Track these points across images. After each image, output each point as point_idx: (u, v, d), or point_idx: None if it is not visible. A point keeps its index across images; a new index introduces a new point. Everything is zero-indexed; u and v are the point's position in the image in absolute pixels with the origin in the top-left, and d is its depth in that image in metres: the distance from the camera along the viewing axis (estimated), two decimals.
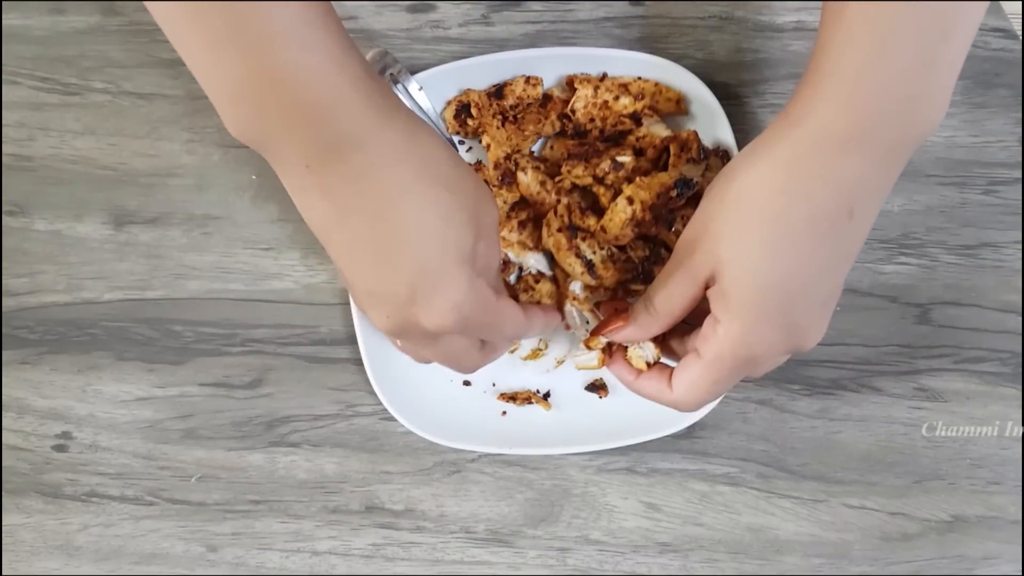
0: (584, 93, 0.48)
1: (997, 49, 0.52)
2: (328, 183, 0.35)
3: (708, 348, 0.39)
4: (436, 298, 0.36)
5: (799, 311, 0.37)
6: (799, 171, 0.36)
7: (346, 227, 0.36)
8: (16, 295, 0.54)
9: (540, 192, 0.50)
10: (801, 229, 0.36)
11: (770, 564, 0.52)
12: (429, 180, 0.36)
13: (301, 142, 0.35)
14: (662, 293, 0.41)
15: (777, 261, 0.36)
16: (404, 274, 0.36)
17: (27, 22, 0.54)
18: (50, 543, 0.53)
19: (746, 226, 0.37)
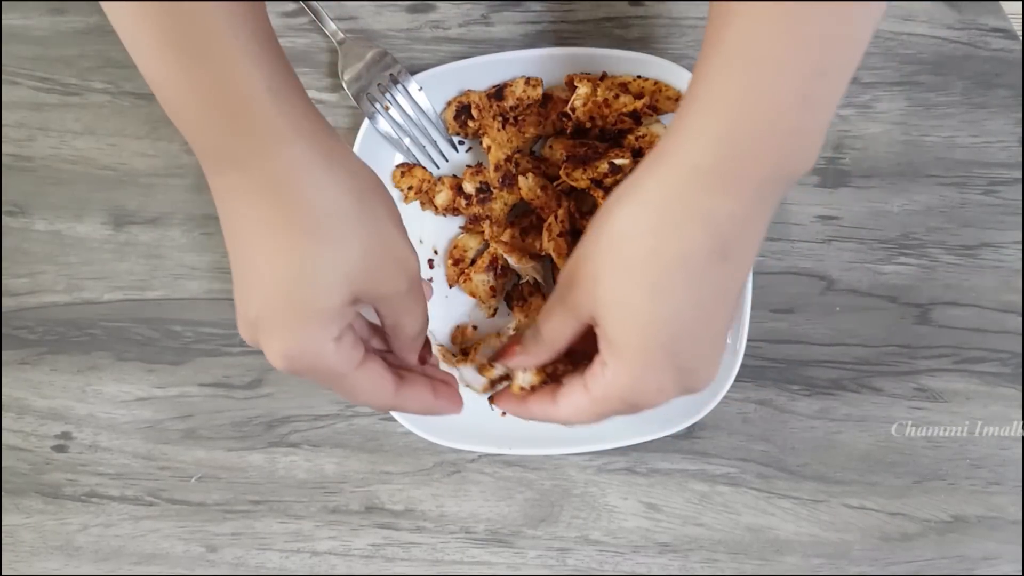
0: (584, 91, 0.48)
1: (997, 49, 0.53)
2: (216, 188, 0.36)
3: (596, 386, 0.38)
4: (268, 339, 0.36)
5: (686, 354, 0.36)
6: (669, 210, 0.35)
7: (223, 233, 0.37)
8: (16, 295, 0.54)
9: (540, 196, 0.50)
10: (675, 270, 0.35)
11: (770, 564, 0.52)
12: (292, 227, 0.34)
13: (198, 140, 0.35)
14: (547, 324, 0.40)
15: (656, 304, 0.35)
16: (251, 305, 0.36)
17: (27, 22, 0.54)
18: (50, 543, 0.53)
19: (621, 268, 0.35)
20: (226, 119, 0.34)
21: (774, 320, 0.52)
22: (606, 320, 0.36)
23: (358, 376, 0.38)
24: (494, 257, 0.50)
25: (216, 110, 0.34)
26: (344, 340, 0.37)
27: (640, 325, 0.35)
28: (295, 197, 0.34)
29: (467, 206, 0.51)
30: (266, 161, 0.34)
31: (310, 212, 0.34)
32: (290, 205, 0.34)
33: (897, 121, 0.53)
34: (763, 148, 0.34)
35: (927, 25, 0.53)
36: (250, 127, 0.34)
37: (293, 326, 0.35)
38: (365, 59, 0.51)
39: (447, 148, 0.52)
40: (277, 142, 0.34)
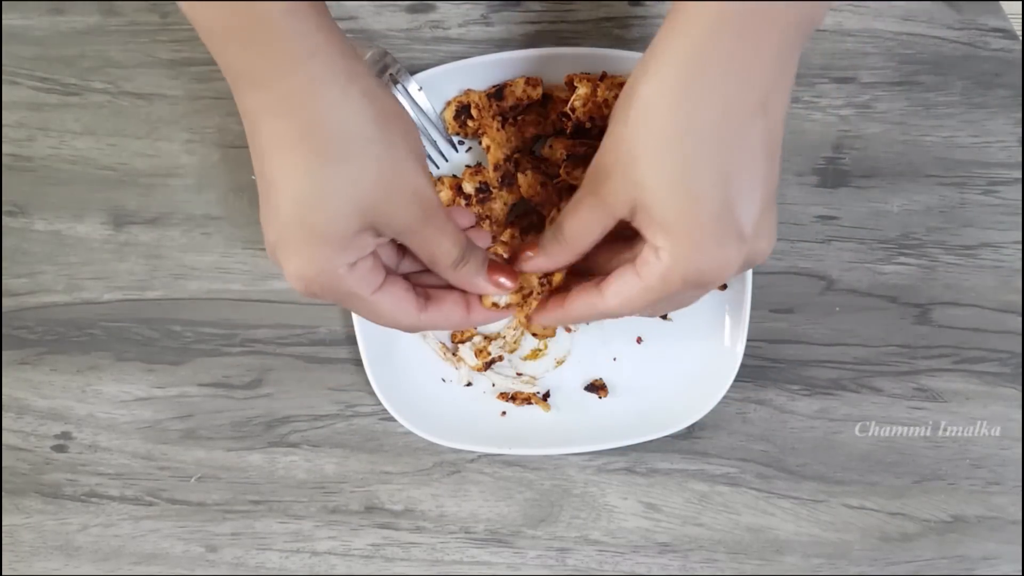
0: (584, 91, 0.48)
1: (997, 49, 0.53)
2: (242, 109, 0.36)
3: (650, 273, 0.36)
4: (285, 261, 0.36)
5: (744, 220, 0.34)
6: (698, 66, 0.32)
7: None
8: (16, 295, 0.54)
9: (540, 193, 0.50)
10: (716, 128, 0.33)
11: (770, 564, 0.52)
12: (307, 145, 0.34)
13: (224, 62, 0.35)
14: (573, 222, 0.38)
15: (701, 171, 0.33)
16: (271, 225, 0.36)
17: (27, 22, 0.54)
18: (50, 543, 0.53)
19: (658, 141, 0.33)
20: (246, 37, 0.34)
21: (774, 320, 0.52)
22: (651, 202, 0.34)
23: (377, 299, 0.38)
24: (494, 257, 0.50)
25: (237, 29, 0.34)
26: (360, 266, 0.37)
27: (691, 198, 0.33)
28: (310, 115, 0.34)
29: (467, 206, 0.51)
30: (283, 79, 0.34)
31: (324, 131, 0.34)
32: (305, 123, 0.34)
33: (897, 121, 0.53)
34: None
35: (927, 25, 0.53)
36: (268, 46, 0.34)
37: (306, 249, 0.35)
38: (365, 59, 0.51)
39: (447, 148, 0.52)
40: (293, 60, 0.34)
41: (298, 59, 0.34)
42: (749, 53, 0.32)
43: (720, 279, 0.35)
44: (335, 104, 0.34)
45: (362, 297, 0.38)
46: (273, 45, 0.34)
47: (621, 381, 0.52)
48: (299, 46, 0.34)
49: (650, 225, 0.35)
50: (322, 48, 0.34)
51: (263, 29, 0.33)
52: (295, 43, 0.34)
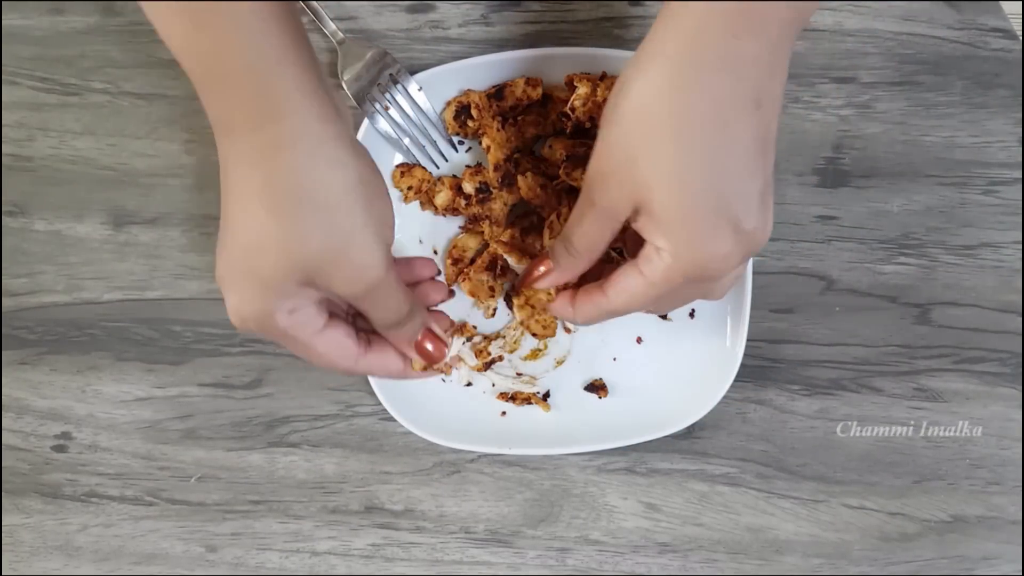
0: (584, 91, 0.48)
1: (997, 49, 0.52)
2: (219, 153, 0.37)
3: (653, 270, 0.36)
4: (226, 296, 0.38)
5: (741, 212, 0.34)
6: (691, 62, 0.33)
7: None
8: (16, 295, 0.54)
9: (540, 195, 0.50)
10: (712, 125, 0.33)
11: (770, 564, 0.52)
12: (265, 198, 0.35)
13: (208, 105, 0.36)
14: (580, 233, 0.38)
15: (698, 166, 0.33)
16: (221, 260, 0.38)
17: (27, 22, 0.54)
18: (50, 543, 0.53)
19: (654, 142, 0.33)
20: (227, 86, 0.35)
21: (774, 320, 0.52)
22: (652, 200, 0.34)
23: (313, 343, 0.39)
24: (494, 257, 0.50)
25: (218, 76, 0.35)
26: (300, 313, 0.38)
27: (690, 194, 0.34)
28: (272, 171, 0.35)
29: (467, 206, 0.51)
30: (254, 132, 0.35)
31: (280, 189, 0.35)
32: (267, 177, 0.35)
33: (897, 121, 0.53)
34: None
35: (927, 25, 0.53)
36: (247, 97, 0.35)
37: (246, 289, 0.37)
38: (365, 59, 0.51)
39: (447, 148, 0.52)
40: (267, 117, 0.35)
41: (272, 117, 0.35)
42: (740, 50, 0.33)
43: (721, 272, 0.36)
44: (296, 166, 0.35)
45: (297, 339, 0.39)
46: (253, 98, 0.35)
47: (621, 381, 0.52)
48: (276, 104, 0.35)
49: (651, 225, 0.35)
50: (298, 109, 0.35)
51: (245, 81, 0.34)
52: (273, 100, 0.35)
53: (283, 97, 0.35)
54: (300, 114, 0.35)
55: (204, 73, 0.35)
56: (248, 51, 0.34)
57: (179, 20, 0.34)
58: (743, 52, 0.33)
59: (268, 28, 0.34)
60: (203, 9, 0.34)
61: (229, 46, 0.34)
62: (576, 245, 0.39)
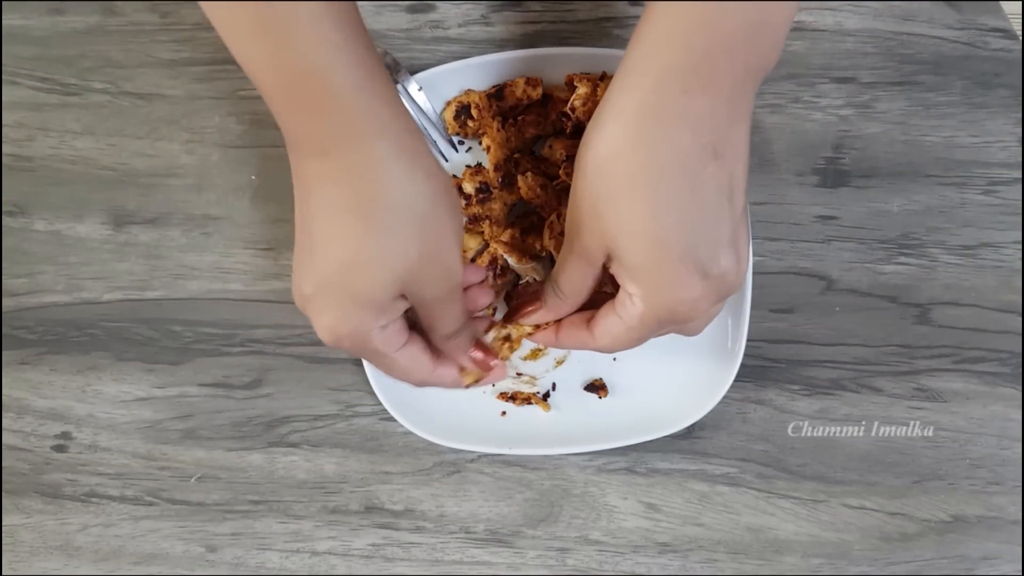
0: (584, 91, 0.48)
1: (997, 49, 0.53)
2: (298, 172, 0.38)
3: (628, 315, 0.38)
4: (318, 315, 0.38)
5: (707, 258, 0.36)
6: (649, 118, 0.34)
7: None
8: (16, 295, 0.54)
9: (540, 195, 0.50)
10: (672, 177, 0.34)
11: (770, 564, 0.52)
12: (361, 213, 0.36)
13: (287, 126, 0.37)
14: (564, 278, 0.40)
15: (661, 218, 0.35)
16: (308, 279, 0.38)
17: (27, 22, 0.54)
18: (50, 543, 0.53)
19: (618, 193, 0.35)
20: (312, 109, 0.35)
21: (774, 320, 0.52)
22: (620, 249, 0.36)
23: (397, 357, 0.41)
24: (494, 257, 0.50)
25: (303, 100, 0.35)
26: (390, 328, 0.39)
27: (654, 244, 0.35)
28: (372, 188, 0.36)
29: (467, 206, 0.51)
30: (349, 153, 0.35)
31: (381, 204, 0.36)
32: (365, 194, 0.36)
33: (897, 121, 0.53)
34: (735, 43, 0.34)
35: (927, 25, 0.53)
36: (336, 120, 0.35)
37: (343, 308, 0.37)
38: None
39: (447, 148, 0.52)
40: (362, 136, 0.35)
41: (366, 135, 0.35)
42: (694, 106, 0.34)
43: (693, 316, 0.37)
44: (396, 182, 0.36)
45: (384, 355, 0.40)
46: (342, 119, 0.35)
47: (621, 381, 0.52)
48: (368, 123, 0.35)
49: (622, 272, 0.37)
50: (389, 126, 0.36)
51: (332, 103, 0.35)
52: (364, 120, 0.35)
53: (381, 114, 0.36)
54: (395, 131, 0.36)
55: (287, 96, 0.35)
56: (335, 72, 0.34)
57: (261, 43, 0.34)
58: (697, 107, 0.34)
59: (351, 48, 0.35)
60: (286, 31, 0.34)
61: (315, 68, 0.34)
62: (563, 288, 0.41)
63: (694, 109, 0.34)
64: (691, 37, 0.34)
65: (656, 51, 0.34)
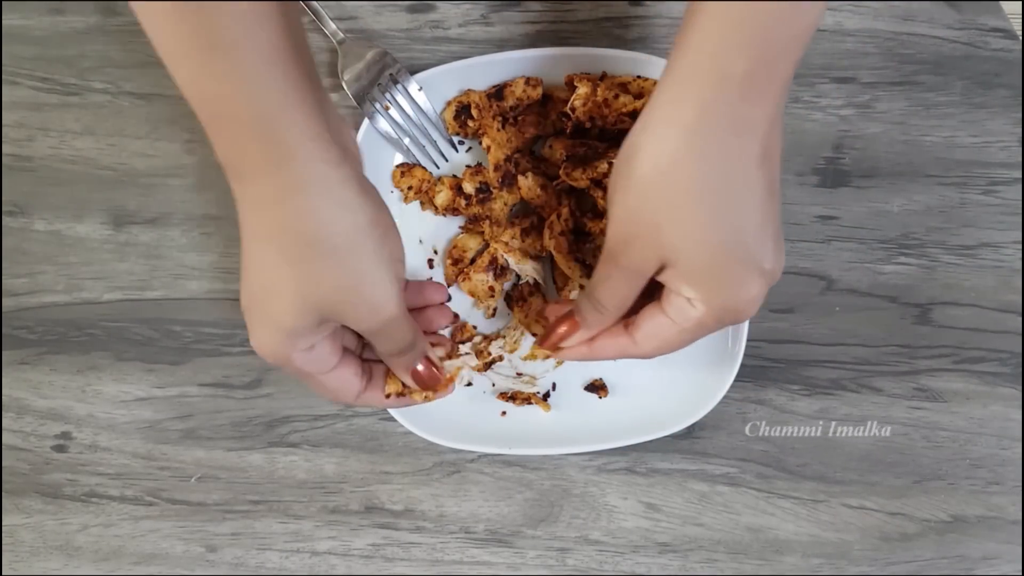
0: (584, 91, 0.48)
1: (997, 49, 0.53)
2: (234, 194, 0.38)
3: (686, 319, 0.38)
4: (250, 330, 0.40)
5: (762, 256, 0.37)
6: (707, 132, 0.34)
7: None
8: (16, 295, 0.54)
9: (541, 196, 0.50)
10: (730, 186, 0.35)
11: (770, 564, 0.52)
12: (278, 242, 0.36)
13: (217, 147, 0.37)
14: (607, 291, 0.40)
15: (723, 226, 0.35)
16: (243, 294, 0.39)
17: (27, 22, 0.54)
18: (50, 543, 0.53)
19: (679, 208, 0.35)
20: (234, 131, 0.35)
21: (774, 320, 0.52)
22: (682, 260, 0.36)
23: (325, 380, 0.42)
24: (494, 257, 0.50)
25: (225, 121, 0.35)
26: (316, 351, 0.40)
27: (716, 251, 0.36)
28: (284, 216, 0.36)
29: (467, 206, 0.51)
30: (265, 177, 0.36)
31: (293, 233, 0.36)
32: (279, 222, 0.36)
33: (897, 121, 0.53)
34: (793, 48, 0.34)
35: (927, 25, 0.53)
36: (256, 143, 0.35)
37: (265, 329, 0.39)
38: (365, 59, 0.51)
39: (447, 148, 0.52)
40: (279, 162, 0.35)
41: (280, 162, 0.35)
42: (751, 113, 0.34)
43: (751, 312, 0.38)
44: (306, 211, 0.36)
45: (309, 375, 0.41)
46: (260, 144, 0.35)
47: (621, 381, 0.52)
48: (284, 150, 0.35)
49: (679, 279, 0.37)
50: (306, 155, 0.36)
51: (252, 127, 0.35)
52: (281, 146, 0.35)
53: (291, 143, 0.35)
54: (308, 160, 0.36)
55: (211, 117, 0.35)
56: (255, 98, 0.34)
57: (186, 63, 0.34)
58: (753, 115, 0.34)
59: (274, 73, 0.35)
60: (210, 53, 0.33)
61: (236, 92, 0.34)
62: (605, 303, 0.41)
63: (751, 117, 0.34)
64: (749, 43, 0.33)
65: (712, 58, 0.34)
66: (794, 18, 0.33)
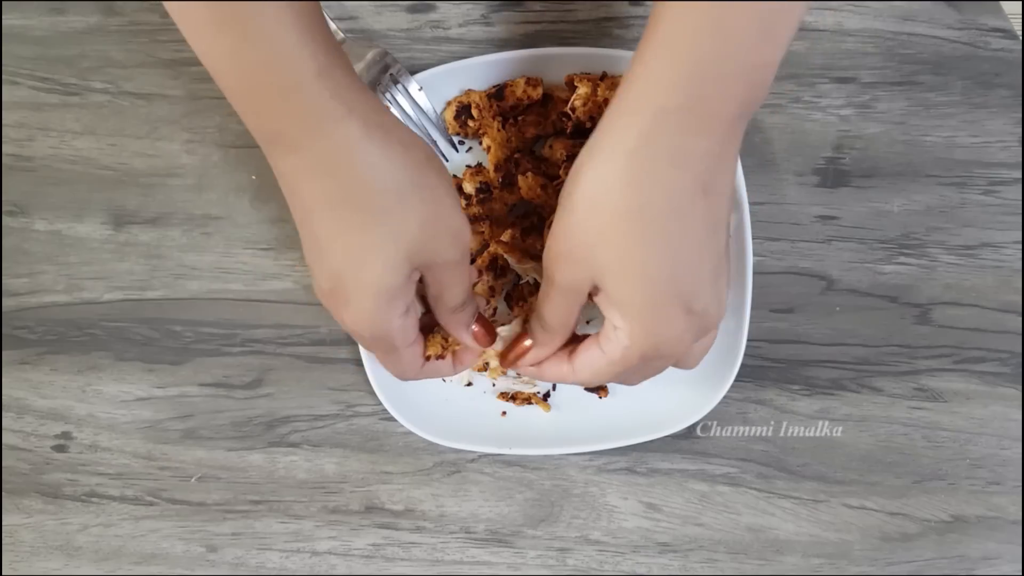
0: (584, 91, 0.48)
1: (997, 49, 0.53)
2: (278, 171, 0.37)
3: (611, 349, 0.38)
4: (342, 313, 0.39)
5: (691, 294, 0.36)
6: (645, 159, 0.35)
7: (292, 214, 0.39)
8: (16, 295, 0.54)
9: (541, 196, 0.50)
10: (663, 216, 0.35)
11: (770, 564, 0.52)
12: (351, 203, 0.36)
13: (255, 125, 0.36)
14: (549, 312, 0.40)
15: (652, 255, 0.35)
16: (323, 278, 0.38)
17: (27, 22, 0.54)
18: (50, 543, 0.53)
19: (610, 231, 0.35)
20: (278, 102, 0.35)
21: (774, 320, 0.52)
22: (610, 284, 0.36)
23: (405, 353, 0.41)
24: (494, 257, 0.50)
25: (267, 93, 0.35)
26: (409, 315, 0.39)
27: (643, 281, 0.36)
28: (352, 175, 0.35)
29: (467, 206, 0.51)
30: (320, 141, 0.35)
31: (366, 189, 0.36)
32: (348, 183, 0.36)
33: (897, 121, 0.53)
34: (731, 85, 0.34)
35: (927, 25, 0.53)
36: (302, 109, 0.35)
37: (364, 301, 0.37)
38: (365, 59, 0.51)
39: (447, 148, 0.52)
40: (330, 122, 0.35)
41: (333, 120, 0.35)
42: (690, 146, 0.34)
43: (676, 352, 0.38)
44: (373, 162, 0.36)
45: (398, 349, 0.40)
46: (306, 108, 0.35)
47: None
48: (333, 108, 0.35)
49: (608, 305, 0.37)
50: (355, 107, 0.36)
51: (295, 92, 0.34)
52: (329, 105, 0.35)
53: (341, 98, 0.35)
54: (361, 111, 0.36)
55: (251, 90, 0.35)
56: (297, 61, 0.34)
57: (222, 38, 0.34)
58: (693, 148, 0.34)
59: (311, 34, 0.35)
60: (246, 24, 0.33)
61: (276, 58, 0.34)
62: (548, 321, 0.41)
63: (689, 149, 0.34)
64: (689, 79, 0.34)
65: (652, 91, 0.34)
66: (730, 57, 0.33)
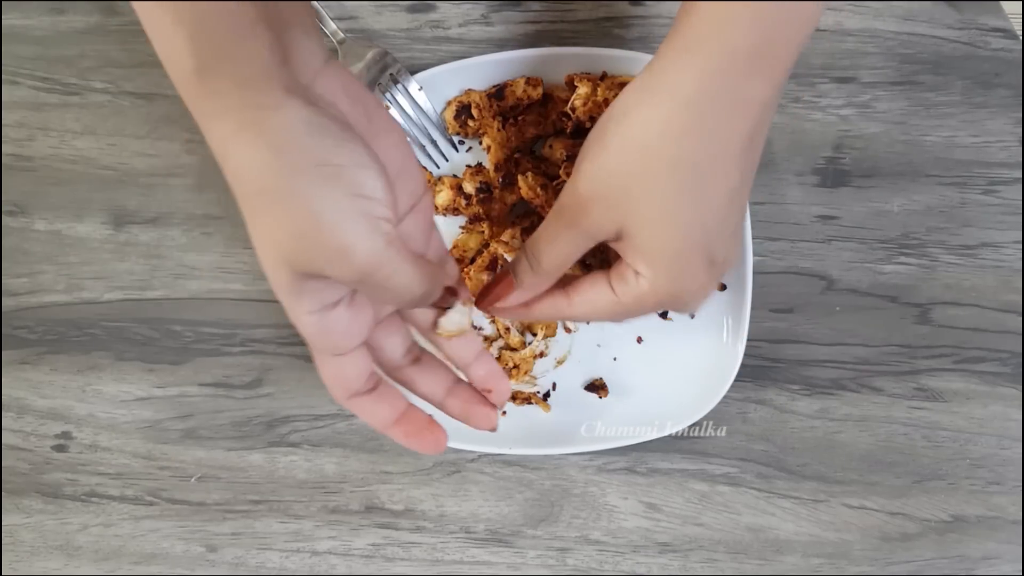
0: (584, 91, 0.48)
1: (997, 49, 0.53)
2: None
3: (626, 292, 0.37)
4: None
5: (716, 247, 0.35)
6: (706, 106, 0.33)
7: None
8: (16, 295, 0.54)
9: (541, 196, 0.50)
10: (710, 167, 0.33)
11: (770, 564, 0.52)
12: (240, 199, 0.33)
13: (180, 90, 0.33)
14: (552, 252, 0.37)
15: (691, 206, 0.34)
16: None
17: (27, 22, 0.54)
18: (50, 543, 0.53)
19: (653, 178, 0.33)
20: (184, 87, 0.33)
21: (774, 320, 0.52)
22: (638, 231, 0.35)
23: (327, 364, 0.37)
24: (494, 257, 0.50)
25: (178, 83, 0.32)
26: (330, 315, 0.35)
27: (678, 231, 0.34)
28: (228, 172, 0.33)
29: (467, 206, 0.51)
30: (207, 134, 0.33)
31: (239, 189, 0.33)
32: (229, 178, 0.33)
33: (897, 121, 0.53)
34: (797, 28, 0.32)
35: (927, 25, 0.53)
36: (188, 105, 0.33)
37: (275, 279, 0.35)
38: (365, 59, 0.51)
39: (447, 148, 0.52)
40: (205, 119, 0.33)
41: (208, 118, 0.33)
42: (753, 92, 0.33)
43: (694, 304, 0.37)
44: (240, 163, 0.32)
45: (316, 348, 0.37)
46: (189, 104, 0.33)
47: (621, 381, 0.52)
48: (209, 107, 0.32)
49: (632, 251, 0.36)
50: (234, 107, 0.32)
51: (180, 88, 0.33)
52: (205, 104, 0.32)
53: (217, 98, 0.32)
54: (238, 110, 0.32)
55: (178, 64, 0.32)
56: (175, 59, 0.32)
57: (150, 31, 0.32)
58: (755, 95, 0.33)
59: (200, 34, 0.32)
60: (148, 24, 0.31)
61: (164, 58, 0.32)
62: (545, 265, 0.38)
63: (750, 96, 0.33)
64: (760, 18, 0.32)
65: (721, 29, 0.32)
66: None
